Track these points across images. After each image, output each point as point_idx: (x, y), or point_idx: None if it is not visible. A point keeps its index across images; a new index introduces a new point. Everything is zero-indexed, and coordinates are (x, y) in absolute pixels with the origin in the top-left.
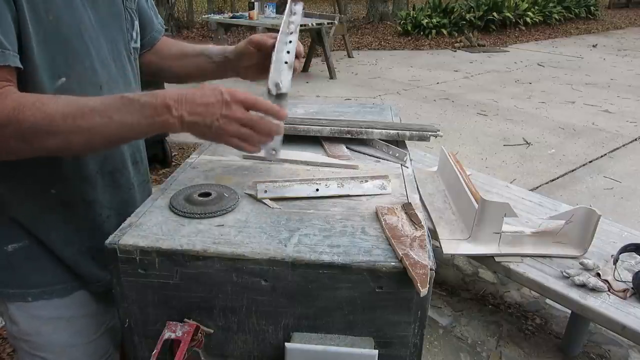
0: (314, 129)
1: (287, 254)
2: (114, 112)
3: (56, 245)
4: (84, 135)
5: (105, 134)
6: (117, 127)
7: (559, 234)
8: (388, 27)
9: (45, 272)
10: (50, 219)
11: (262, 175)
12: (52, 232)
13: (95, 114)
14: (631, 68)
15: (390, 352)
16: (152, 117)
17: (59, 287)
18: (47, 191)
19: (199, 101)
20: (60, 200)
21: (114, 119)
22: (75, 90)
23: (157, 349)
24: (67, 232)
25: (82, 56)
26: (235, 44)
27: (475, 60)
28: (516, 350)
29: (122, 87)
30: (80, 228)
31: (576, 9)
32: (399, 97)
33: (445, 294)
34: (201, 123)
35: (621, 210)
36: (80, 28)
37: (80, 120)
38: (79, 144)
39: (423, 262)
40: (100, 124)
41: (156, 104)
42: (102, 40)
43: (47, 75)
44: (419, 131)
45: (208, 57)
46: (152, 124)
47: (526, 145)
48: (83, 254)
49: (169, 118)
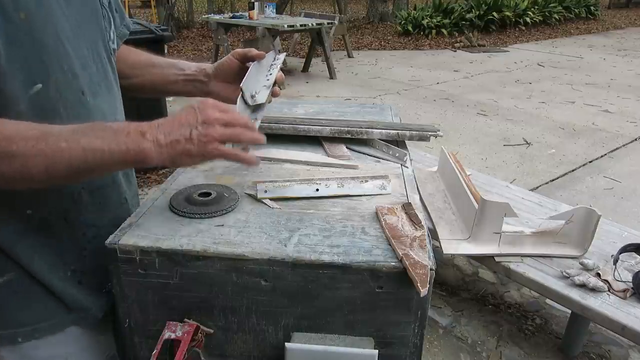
0: (314, 129)
1: (287, 254)
2: (81, 137)
3: (41, 273)
4: (45, 161)
5: (69, 161)
6: (84, 153)
7: (559, 234)
8: (388, 27)
9: (35, 307)
10: (30, 243)
11: (262, 175)
12: (35, 257)
13: (60, 138)
14: (631, 68)
15: (390, 352)
16: (125, 143)
17: (50, 323)
18: (22, 212)
19: (171, 120)
20: (39, 221)
21: (82, 145)
22: (53, 97)
23: (157, 349)
24: (51, 255)
25: (61, 59)
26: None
27: (475, 60)
28: (516, 350)
29: (105, 92)
30: (64, 250)
31: (576, 9)
32: (399, 97)
33: (445, 294)
34: (181, 139)
35: (621, 210)
36: (56, 27)
37: (42, 144)
38: (39, 171)
39: (423, 262)
40: (65, 148)
41: (129, 130)
42: (81, 41)
43: (20, 82)
44: (419, 131)
45: (180, 69)
46: (125, 152)
47: (526, 145)
48: (69, 279)
49: (143, 142)
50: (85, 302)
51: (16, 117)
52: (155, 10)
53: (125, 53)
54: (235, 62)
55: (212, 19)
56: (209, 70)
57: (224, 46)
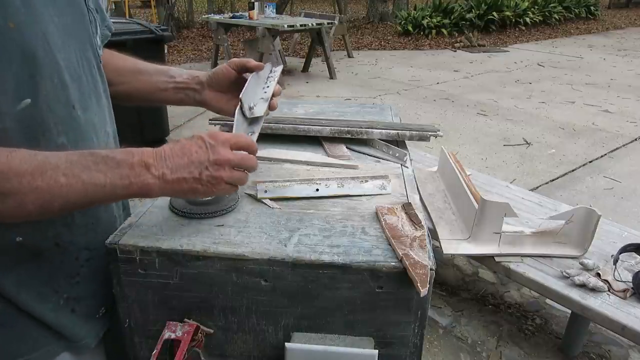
0: (314, 129)
1: (287, 254)
2: (81, 171)
3: (30, 305)
4: (42, 198)
5: (68, 197)
6: (84, 188)
7: (559, 234)
8: (388, 27)
9: (24, 338)
10: (17, 275)
11: (262, 175)
12: (22, 290)
13: (58, 173)
14: (631, 68)
15: (390, 352)
16: (128, 177)
17: (41, 353)
18: (11, 241)
19: (180, 154)
20: (29, 249)
21: (82, 179)
22: (43, 113)
23: (157, 349)
24: (40, 286)
25: (51, 71)
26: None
27: (475, 60)
28: (516, 350)
29: (95, 104)
30: (56, 278)
31: (576, 9)
32: (399, 97)
33: (445, 294)
34: (189, 177)
35: (621, 210)
36: (46, 37)
37: (39, 180)
38: (35, 207)
39: (423, 262)
40: (64, 184)
41: (133, 162)
42: (70, 49)
43: (7, 97)
44: (419, 131)
45: (170, 76)
46: (128, 186)
47: (526, 145)
48: (61, 309)
49: (148, 178)
50: (79, 331)
51: (2, 134)
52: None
53: (108, 57)
54: (231, 71)
55: (212, 19)
56: (202, 78)
57: (224, 46)
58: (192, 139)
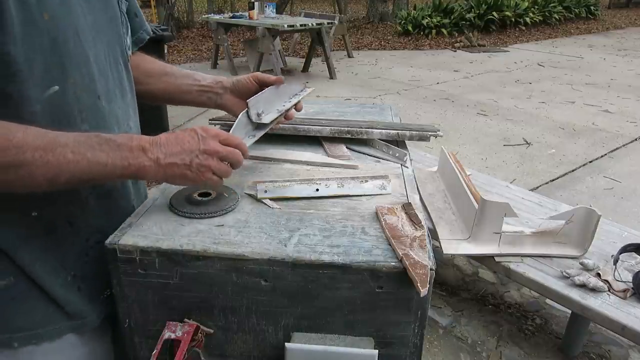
0: (314, 129)
1: (287, 254)
2: (87, 150)
3: (42, 278)
4: (51, 171)
5: (74, 172)
6: (88, 165)
7: (559, 234)
8: (388, 27)
9: (33, 313)
10: (33, 247)
11: (262, 175)
12: (37, 261)
13: (67, 150)
14: (631, 68)
15: (390, 352)
16: (127, 159)
17: (47, 330)
18: (28, 215)
19: (174, 142)
20: (44, 224)
21: (87, 157)
22: (69, 100)
23: (157, 349)
24: (52, 260)
25: (80, 62)
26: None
27: (475, 60)
28: (516, 350)
29: (119, 98)
30: (66, 255)
31: (576, 8)
32: (399, 97)
33: (445, 294)
34: (180, 163)
35: (621, 210)
36: (77, 30)
37: (50, 155)
38: (44, 180)
39: (423, 262)
40: (72, 160)
41: (132, 146)
42: (99, 46)
43: (36, 84)
44: (419, 131)
45: (195, 80)
46: (127, 167)
47: (526, 145)
48: (69, 285)
49: (144, 161)
50: (83, 309)
51: (30, 117)
52: (155, 10)
53: (139, 59)
54: (253, 84)
55: (212, 19)
56: (226, 83)
57: (224, 46)
58: (186, 131)
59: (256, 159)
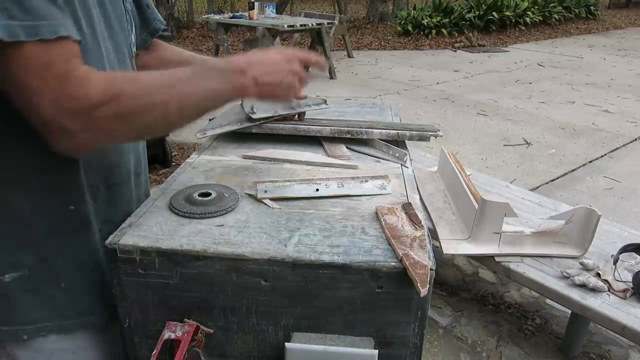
0: (313, 129)
1: (287, 254)
2: (199, 80)
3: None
4: (179, 104)
5: (195, 101)
6: (204, 93)
7: (559, 234)
8: (388, 27)
9: (43, 306)
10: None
11: (262, 175)
12: (58, 255)
13: (184, 83)
14: (631, 68)
15: (390, 352)
16: (232, 82)
17: (57, 324)
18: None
19: (267, 62)
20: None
21: (201, 86)
22: None
23: (157, 349)
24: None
25: (96, 59)
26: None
27: (475, 60)
28: (516, 350)
29: None
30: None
31: (576, 9)
32: (399, 97)
33: (445, 294)
34: (274, 82)
35: (621, 210)
36: (93, 27)
37: (173, 90)
38: (174, 114)
39: (423, 262)
40: (190, 92)
41: (232, 69)
42: (109, 43)
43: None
44: (419, 131)
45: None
46: (232, 90)
47: (526, 145)
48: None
49: (244, 81)
50: (95, 306)
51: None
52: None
53: (160, 49)
54: None
55: (212, 19)
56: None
57: (224, 46)
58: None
59: (256, 159)
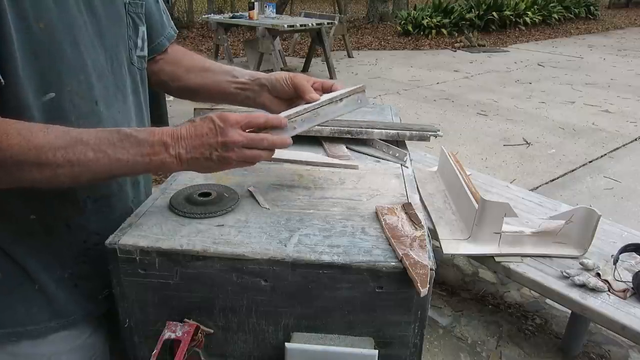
0: (314, 128)
1: (287, 254)
2: (107, 147)
3: (36, 272)
4: (73, 170)
5: (95, 170)
6: (109, 163)
7: (559, 234)
8: (388, 27)
9: (21, 310)
10: (29, 244)
11: (262, 176)
12: (31, 257)
13: (88, 149)
14: (631, 68)
15: (390, 352)
16: (149, 155)
17: (29, 329)
18: (25, 216)
19: (193, 135)
20: (40, 226)
21: (108, 155)
22: (66, 106)
23: (157, 349)
24: (48, 256)
25: (77, 69)
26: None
27: (475, 60)
28: (516, 350)
29: (120, 102)
30: (63, 254)
31: (576, 9)
32: (399, 97)
33: (445, 294)
34: (201, 158)
35: (621, 210)
36: (75, 36)
37: (71, 155)
38: (67, 178)
39: (423, 262)
40: (93, 159)
41: (153, 141)
42: (99, 49)
43: (33, 90)
44: (419, 131)
45: (233, 76)
46: (148, 163)
47: (526, 145)
48: (64, 281)
49: (166, 157)
50: (72, 308)
51: (28, 121)
52: None
53: (180, 55)
54: (290, 88)
55: (212, 19)
56: (263, 81)
57: (224, 46)
58: (205, 121)
59: None
